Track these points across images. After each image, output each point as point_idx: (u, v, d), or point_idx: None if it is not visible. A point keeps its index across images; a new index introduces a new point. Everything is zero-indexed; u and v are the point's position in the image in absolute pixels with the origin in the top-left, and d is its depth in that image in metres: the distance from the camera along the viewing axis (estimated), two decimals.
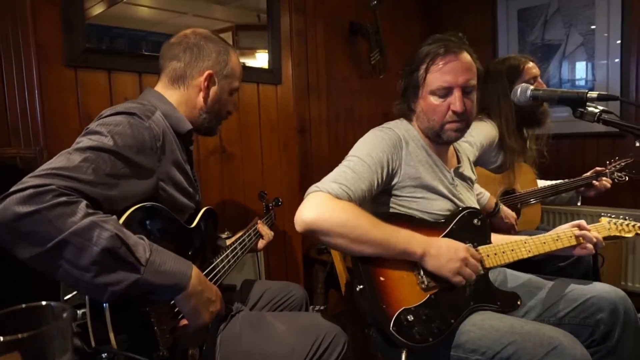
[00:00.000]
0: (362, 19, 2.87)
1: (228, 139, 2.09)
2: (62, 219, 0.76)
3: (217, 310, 1.01)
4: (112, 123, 0.95)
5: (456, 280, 1.13)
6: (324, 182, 1.15)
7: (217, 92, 1.25)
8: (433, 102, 1.26)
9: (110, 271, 0.79)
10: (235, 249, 1.36)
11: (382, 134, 1.27)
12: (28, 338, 0.46)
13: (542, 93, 1.19)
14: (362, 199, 1.17)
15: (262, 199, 1.78)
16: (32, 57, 1.47)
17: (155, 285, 0.85)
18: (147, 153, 0.99)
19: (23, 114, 1.49)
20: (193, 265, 0.94)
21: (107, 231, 0.79)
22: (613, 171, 2.05)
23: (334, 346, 1.17)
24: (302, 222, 1.10)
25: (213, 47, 1.23)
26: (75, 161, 0.84)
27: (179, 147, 1.15)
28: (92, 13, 1.63)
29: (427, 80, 1.25)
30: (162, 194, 1.05)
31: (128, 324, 0.86)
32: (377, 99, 3.04)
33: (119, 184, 0.90)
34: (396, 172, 1.25)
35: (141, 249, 0.84)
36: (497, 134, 1.94)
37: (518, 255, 1.28)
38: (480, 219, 1.31)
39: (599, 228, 1.39)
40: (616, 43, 2.74)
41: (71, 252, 0.77)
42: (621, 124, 1.07)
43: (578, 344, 1.04)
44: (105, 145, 0.90)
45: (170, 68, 1.21)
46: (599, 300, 1.25)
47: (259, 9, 2.24)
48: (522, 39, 3.12)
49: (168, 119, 1.13)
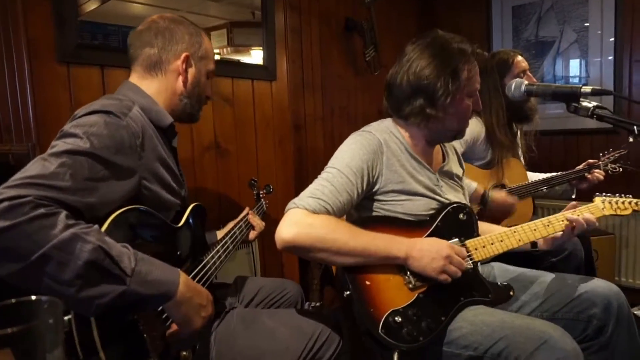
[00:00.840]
0: (357, 15, 2.87)
1: (223, 134, 2.08)
2: (41, 233, 0.73)
3: (208, 314, 0.99)
4: (87, 124, 0.91)
5: (442, 279, 1.13)
6: (301, 197, 1.15)
7: (195, 75, 1.21)
8: (467, 103, 1.27)
9: (95, 284, 0.76)
10: (225, 243, 1.35)
11: (363, 140, 1.25)
12: (18, 332, 0.45)
13: (536, 88, 1.19)
14: (341, 210, 1.17)
15: (253, 187, 1.75)
16: (23, 52, 1.45)
17: (142, 295, 0.82)
18: (126, 152, 0.95)
19: (15, 110, 1.47)
20: (180, 272, 0.92)
21: (89, 243, 0.76)
22: (606, 163, 2.05)
23: (328, 344, 1.17)
24: (281, 240, 1.10)
25: (184, 29, 1.20)
26: (51, 167, 0.80)
27: (160, 142, 1.11)
28: (85, 9, 1.62)
29: (467, 82, 1.24)
30: (145, 192, 1.02)
31: (116, 333, 0.84)
32: (372, 96, 3.05)
33: (99, 188, 0.87)
34: (377, 179, 1.24)
35: (126, 259, 0.81)
36: (483, 130, 1.94)
37: (508, 245, 1.27)
38: (465, 213, 1.30)
39: (592, 208, 1.36)
40: (609, 40, 2.75)
41: (53, 266, 0.73)
42: (615, 118, 1.08)
43: (568, 338, 1.05)
44: (81, 148, 0.86)
45: (144, 56, 1.16)
46: (593, 296, 1.26)
47: (254, 6, 2.23)
48: (516, 35, 3.13)
49: (147, 113, 1.09)
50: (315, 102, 2.72)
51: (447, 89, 1.20)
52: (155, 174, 1.05)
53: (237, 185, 2.15)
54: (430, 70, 1.21)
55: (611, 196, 1.42)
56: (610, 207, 1.40)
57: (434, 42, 1.26)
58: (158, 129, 1.12)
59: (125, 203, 0.94)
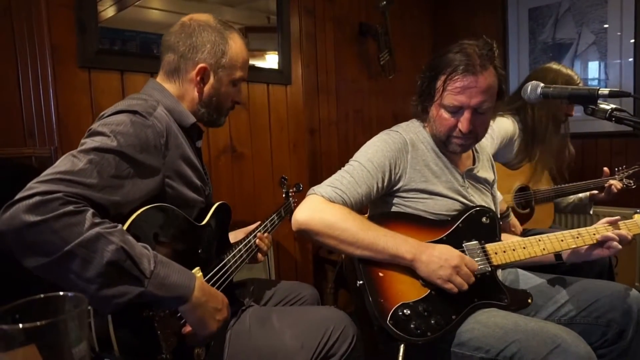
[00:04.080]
0: (371, 19, 2.87)
1: (238, 138, 2.11)
2: (68, 229, 0.75)
3: (224, 317, 1.00)
4: (114, 122, 0.94)
5: (447, 287, 1.13)
6: (321, 185, 1.20)
7: (213, 86, 1.19)
8: (443, 115, 1.25)
9: (115, 284, 0.79)
10: (249, 242, 1.36)
11: (388, 138, 1.28)
12: (46, 326, 0.47)
13: (552, 90, 1.18)
14: (359, 203, 1.20)
15: (283, 185, 1.77)
16: (47, 58, 1.50)
17: (158, 297, 0.85)
18: (151, 151, 0.98)
19: (38, 115, 1.52)
20: (196, 277, 0.94)
21: (112, 244, 0.78)
22: (622, 177, 2.05)
23: (343, 338, 1.17)
24: (295, 221, 1.17)
25: (208, 37, 1.16)
26: (79, 164, 0.84)
27: (185, 140, 1.13)
28: (104, 16, 1.66)
29: (441, 93, 1.23)
30: (168, 190, 1.04)
31: (131, 327, 0.86)
32: (386, 100, 3.04)
33: (124, 185, 0.90)
34: (401, 176, 1.26)
35: (145, 261, 0.83)
36: (516, 131, 1.95)
37: (530, 253, 1.26)
38: (489, 217, 1.30)
39: (630, 225, 1.32)
40: (630, 42, 2.71)
41: (77, 263, 0.76)
42: (634, 120, 1.06)
43: (582, 342, 1.03)
44: (109, 146, 0.89)
45: (166, 60, 1.18)
46: (612, 300, 1.24)
47: (269, 11, 2.25)
48: (532, 38, 3.10)
49: (172, 113, 1.11)
50: (330, 106, 2.73)
51: (425, 90, 1.28)
52: (178, 173, 1.08)
53: (253, 188, 2.17)
54: (425, 69, 1.29)
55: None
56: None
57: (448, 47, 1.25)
58: (182, 128, 1.14)
59: (148, 201, 0.96)
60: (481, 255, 1.24)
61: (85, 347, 0.52)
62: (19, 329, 0.47)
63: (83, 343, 0.51)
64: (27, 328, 0.47)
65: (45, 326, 0.47)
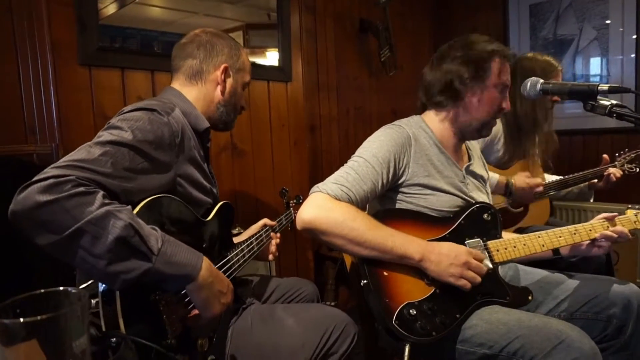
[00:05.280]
0: (371, 16, 2.87)
1: (239, 135, 2.11)
2: (79, 208, 0.78)
3: (228, 302, 1.03)
4: (133, 118, 0.98)
5: (460, 284, 1.13)
6: (326, 182, 1.18)
7: (232, 85, 1.30)
8: (495, 94, 1.28)
9: (123, 259, 0.81)
10: (251, 243, 1.38)
11: (391, 132, 1.28)
12: (47, 320, 0.48)
13: (552, 87, 1.18)
14: (364, 199, 1.19)
15: (284, 196, 1.78)
16: (47, 55, 1.50)
17: (166, 275, 0.87)
18: (165, 149, 1.02)
19: (39, 112, 1.52)
20: (204, 257, 0.96)
21: (121, 220, 0.81)
22: (623, 163, 2.02)
23: (344, 337, 1.18)
24: (301, 221, 1.14)
25: (225, 43, 1.29)
26: (95, 154, 0.87)
27: (196, 143, 1.18)
28: (105, 13, 1.66)
29: (498, 74, 1.27)
30: (179, 189, 1.08)
31: (138, 311, 0.88)
32: (387, 97, 3.04)
33: (137, 178, 0.93)
34: (404, 171, 1.26)
35: (153, 239, 0.86)
36: (500, 130, 1.94)
37: (531, 250, 1.27)
38: (490, 214, 1.30)
39: (623, 221, 1.33)
40: (632, 38, 2.70)
41: (87, 240, 0.79)
42: (635, 116, 1.06)
43: (586, 338, 1.04)
44: (125, 139, 0.92)
45: (186, 66, 1.26)
46: (612, 295, 1.24)
47: (269, 8, 2.25)
48: (533, 34, 3.09)
49: (187, 117, 1.16)
50: (330, 103, 2.73)
51: (476, 74, 1.27)
52: (188, 175, 1.11)
53: (253, 185, 2.18)
54: (463, 61, 1.28)
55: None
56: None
57: (466, 39, 1.32)
58: (195, 132, 1.19)
59: (159, 193, 0.99)
60: (483, 252, 1.25)
61: (85, 340, 0.52)
62: (19, 323, 0.48)
63: (84, 337, 0.51)
64: (28, 322, 0.47)
65: (46, 320, 0.48)
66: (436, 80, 1.31)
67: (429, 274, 1.14)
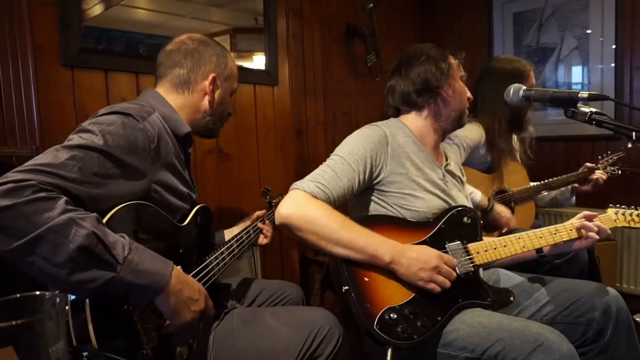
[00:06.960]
0: (358, 21, 2.89)
1: (225, 139, 2.09)
2: (38, 215, 0.75)
3: (200, 309, 0.99)
4: (105, 122, 0.95)
5: (429, 288, 1.14)
6: (304, 180, 1.20)
7: (220, 94, 1.28)
8: (462, 84, 1.39)
9: (85, 269, 0.78)
10: (231, 246, 1.36)
11: (367, 131, 1.31)
12: (21, 326, 0.46)
13: (534, 93, 1.20)
14: (341, 197, 1.21)
15: (266, 195, 1.77)
16: (28, 56, 1.47)
17: (132, 285, 0.84)
18: (139, 154, 0.99)
19: (19, 113, 1.49)
20: (173, 265, 0.93)
21: (83, 229, 0.78)
22: (605, 165, 2.07)
23: (328, 339, 1.17)
24: (279, 215, 1.17)
25: (212, 51, 1.26)
26: (61, 158, 0.84)
27: (175, 148, 1.15)
28: (90, 15, 1.64)
29: (456, 67, 1.39)
30: (154, 195, 1.05)
31: (110, 322, 0.85)
32: (373, 101, 3.06)
33: (106, 184, 0.90)
34: (381, 168, 1.28)
35: (120, 247, 0.83)
36: (484, 134, 1.96)
37: (511, 251, 1.28)
38: (470, 217, 1.31)
39: (604, 219, 1.35)
40: (611, 48, 2.76)
41: (46, 248, 0.76)
42: (613, 123, 1.08)
43: (565, 340, 1.05)
44: (94, 144, 0.90)
45: (173, 75, 1.23)
46: (592, 299, 1.26)
47: (256, 12, 2.25)
48: (517, 42, 3.14)
49: (167, 121, 1.14)
50: (317, 107, 2.74)
51: (444, 70, 1.35)
52: (165, 182, 1.09)
53: (239, 189, 2.16)
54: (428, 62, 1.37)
55: (625, 208, 1.39)
56: (623, 219, 1.37)
57: (417, 47, 1.43)
58: (176, 137, 1.17)
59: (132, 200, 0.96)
60: (464, 255, 1.26)
61: (63, 346, 0.51)
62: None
63: (61, 342, 0.50)
64: (3, 328, 0.46)
65: (22, 325, 0.47)
66: (411, 85, 1.37)
67: (399, 277, 1.15)
